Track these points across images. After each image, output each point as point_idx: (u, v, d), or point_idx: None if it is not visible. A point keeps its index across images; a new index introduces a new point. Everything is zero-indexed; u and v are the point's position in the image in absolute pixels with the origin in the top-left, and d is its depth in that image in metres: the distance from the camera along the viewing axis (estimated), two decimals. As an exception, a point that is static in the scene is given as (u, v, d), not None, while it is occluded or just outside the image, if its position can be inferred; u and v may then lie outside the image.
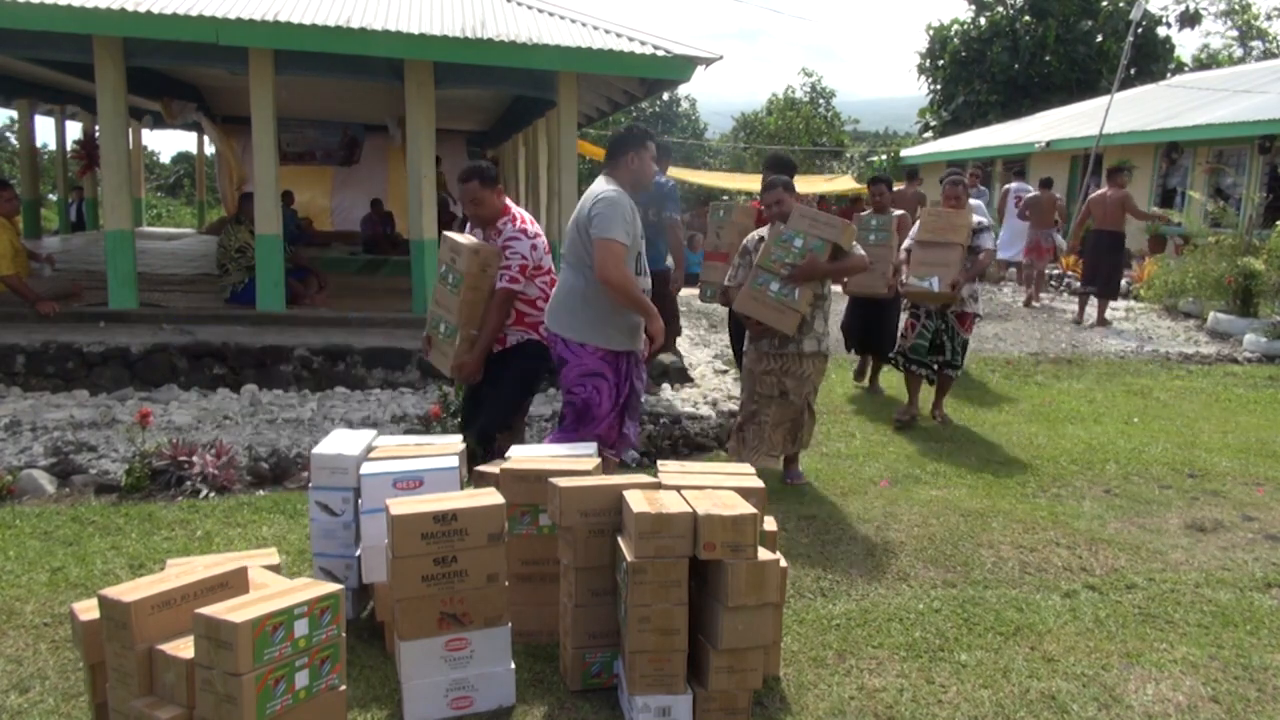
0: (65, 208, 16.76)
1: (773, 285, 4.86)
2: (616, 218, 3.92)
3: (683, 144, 34.83)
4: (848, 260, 4.94)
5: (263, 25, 6.84)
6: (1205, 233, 12.51)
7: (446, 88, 7.87)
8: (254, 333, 7.31)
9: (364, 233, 13.90)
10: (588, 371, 4.12)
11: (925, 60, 30.51)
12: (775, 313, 4.85)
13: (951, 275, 6.02)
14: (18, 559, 3.96)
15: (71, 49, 7.29)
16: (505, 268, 4.44)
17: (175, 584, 2.51)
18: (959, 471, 5.53)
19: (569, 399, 4.18)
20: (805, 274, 4.79)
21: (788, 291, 4.82)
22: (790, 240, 4.88)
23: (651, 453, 5.60)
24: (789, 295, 4.82)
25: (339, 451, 3.47)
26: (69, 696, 2.96)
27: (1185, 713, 3.04)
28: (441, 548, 2.84)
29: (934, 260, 6.10)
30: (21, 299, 7.32)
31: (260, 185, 7.61)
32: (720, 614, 2.79)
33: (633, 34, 7.78)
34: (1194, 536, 4.58)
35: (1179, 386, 8.14)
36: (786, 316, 4.82)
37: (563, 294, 4.19)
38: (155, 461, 4.92)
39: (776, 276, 4.85)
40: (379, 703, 2.98)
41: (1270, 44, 34.57)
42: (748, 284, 4.96)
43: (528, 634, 3.33)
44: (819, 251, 4.82)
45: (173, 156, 40.39)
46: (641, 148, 4.13)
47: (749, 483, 3.20)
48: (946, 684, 3.17)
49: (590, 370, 4.11)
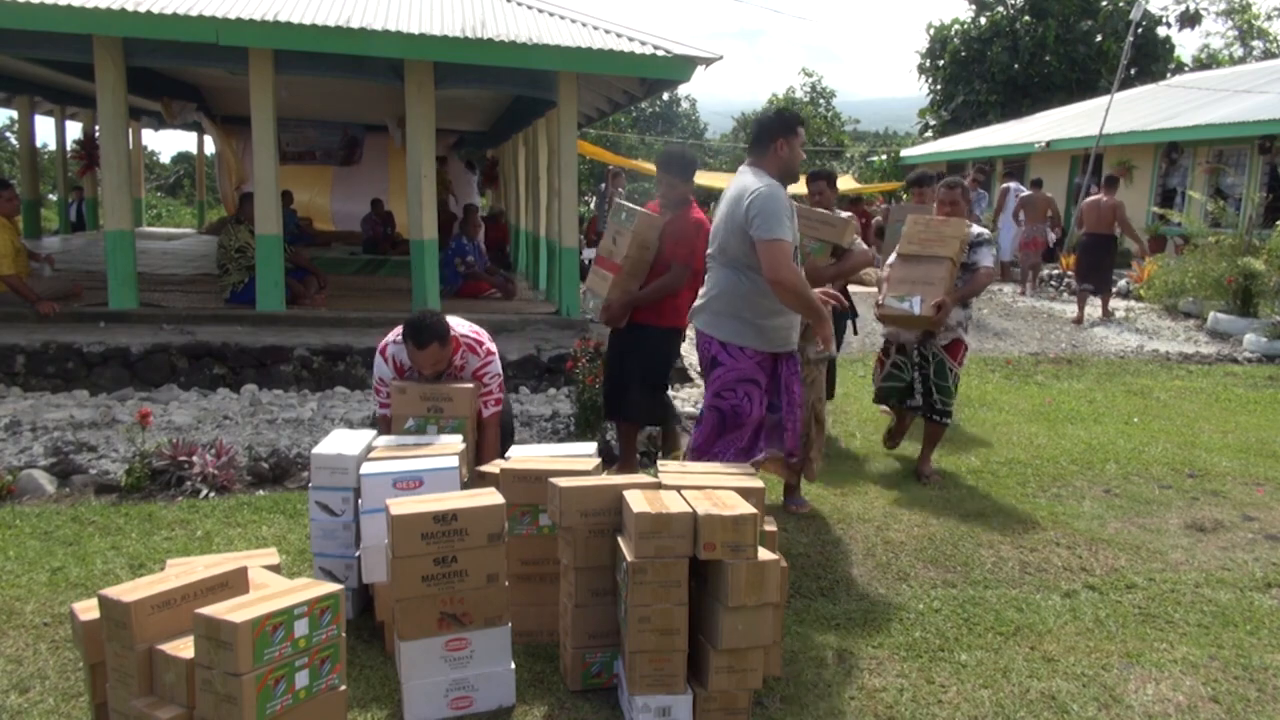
0: (65, 208, 16.76)
1: None
2: (779, 214, 3.67)
3: (683, 144, 34.85)
4: (851, 259, 4.52)
5: (263, 25, 6.84)
6: (1205, 233, 12.52)
7: (446, 88, 7.87)
8: (254, 333, 7.31)
9: (364, 233, 13.90)
10: (743, 377, 3.89)
11: (925, 60, 30.53)
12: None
13: (937, 295, 4.91)
14: (18, 559, 3.96)
15: (71, 49, 7.29)
16: (487, 394, 4.09)
17: (175, 584, 2.51)
18: (959, 471, 5.53)
19: (715, 403, 3.93)
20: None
21: None
22: None
23: (651, 453, 5.59)
24: None
25: (339, 451, 3.48)
26: (69, 696, 2.96)
27: (1185, 713, 3.04)
28: (441, 548, 2.84)
29: (917, 277, 5.04)
30: (22, 299, 7.32)
31: (260, 185, 7.61)
32: (720, 614, 2.79)
33: (633, 34, 7.78)
34: (1194, 536, 4.58)
35: (1179, 386, 8.14)
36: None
37: (718, 295, 3.93)
38: (155, 461, 4.92)
39: None
40: (379, 703, 2.98)
41: (1270, 44, 34.57)
42: None
43: (528, 634, 3.33)
44: (817, 254, 4.37)
45: (173, 156, 40.42)
46: (792, 134, 3.88)
47: (749, 483, 3.20)
48: (946, 684, 3.17)
49: (746, 376, 3.89)
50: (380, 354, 4.12)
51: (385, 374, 4.10)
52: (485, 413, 4.11)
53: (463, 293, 9.46)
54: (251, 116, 7.49)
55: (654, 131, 35.61)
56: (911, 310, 4.93)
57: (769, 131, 3.88)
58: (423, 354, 3.87)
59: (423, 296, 7.72)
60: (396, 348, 4.06)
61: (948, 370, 5.22)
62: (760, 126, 3.94)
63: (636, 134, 34.03)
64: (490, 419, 4.13)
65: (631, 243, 4.72)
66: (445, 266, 8.87)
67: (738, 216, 3.77)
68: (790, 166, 3.91)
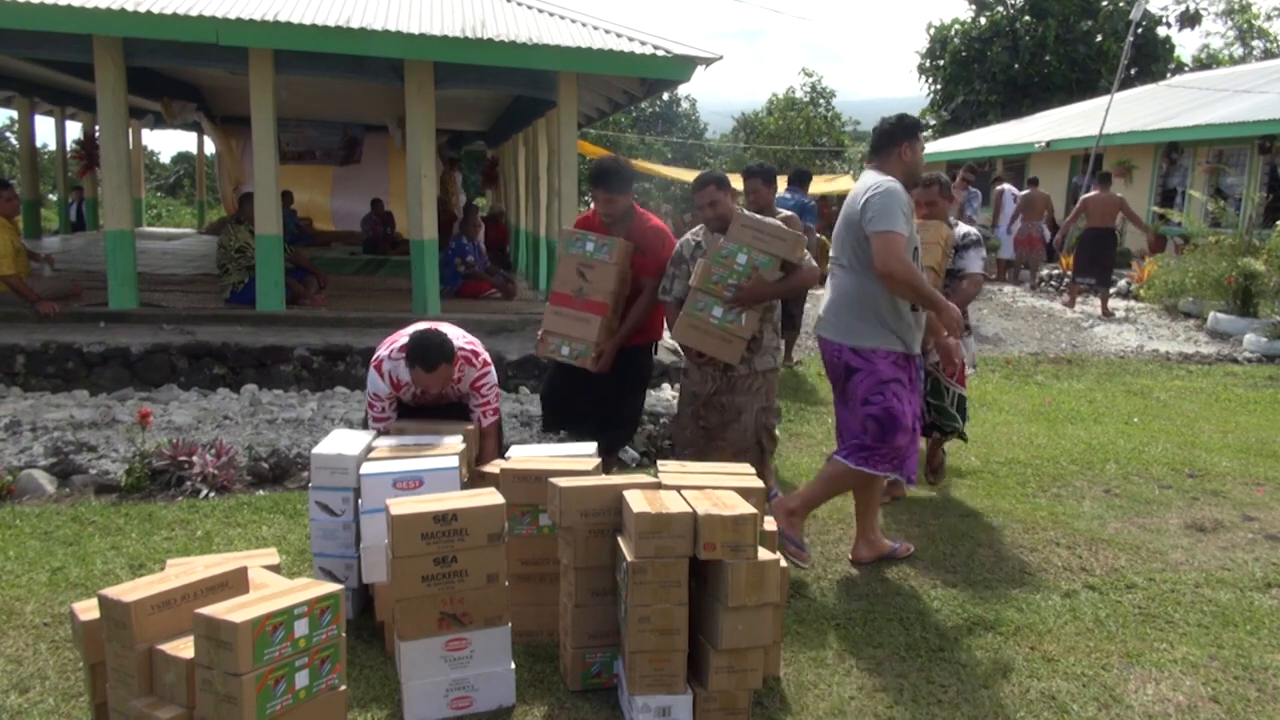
0: (65, 208, 16.76)
1: (715, 310, 4.20)
2: (894, 207, 3.63)
3: (683, 144, 34.84)
4: (799, 275, 4.26)
5: (263, 25, 6.84)
6: (1205, 233, 12.52)
7: (446, 88, 7.88)
8: (254, 333, 7.31)
9: (364, 233, 13.90)
10: (885, 378, 3.80)
11: (925, 60, 30.52)
12: (720, 342, 4.21)
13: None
14: (18, 559, 3.96)
15: (71, 49, 7.29)
16: (485, 404, 4.09)
17: (175, 584, 2.51)
18: (959, 471, 5.53)
19: (868, 411, 3.82)
20: (752, 296, 4.16)
21: (733, 316, 4.18)
22: (732, 256, 4.18)
23: (651, 453, 5.59)
24: (734, 321, 4.18)
25: (339, 451, 3.48)
26: (69, 696, 2.96)
27: (1185, 713, 3.04)
28: (441, 548, 2.84)
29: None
30: (22, 299, 7.32)
31: (260, 185, 7.61)
32: (720, 614, 2.79)
33: (633, 34, 7.78)
34: (1194, 536, 4.58)
35: (1179, 386, 8.14)
36: (732, 345, 4.21)
37: (841, 300, 3.88)
38: (155, 461, 4.92)
39: (719, 300, 4.19)
40: (379, 703, 2.98)
41: (1270, 44, 34.55)
42: (685, 309, 4.28)
43: (528, 634, 3.33)
44: (766, 269, 4.15)
45: (173, 156, 40.42)
46: (914, 138, 3.88)
47: (749, 483, 3.20)
48: (946, 684, 3.17)
49: (887, 376, 3.80)
50: (375, 369, 4.00)
51: (381, 390, 3.97)
52: (485, 422, 4.09)
53: (463, 293, 9.46)
54: (251, 116, 7.49)
55: (654, 131, 35.58)
56: None
57: (893, 136, 3.87)
58: (432, 376, 3.81)
59: (423, 296, 7.72)
60: (393, 364, 3.94)
61: (944, 389, 4.78)
62: (883, 131, 3.91)
63: (636, 134, 34.01)
64: (489, 428, 4.12)
65: (615, 277, 4.43)
66: (445, 266, 8.87)
67: (853, 215, 3.76)
68: (914, 170, 3.93)
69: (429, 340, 3.79)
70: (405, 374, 3.92)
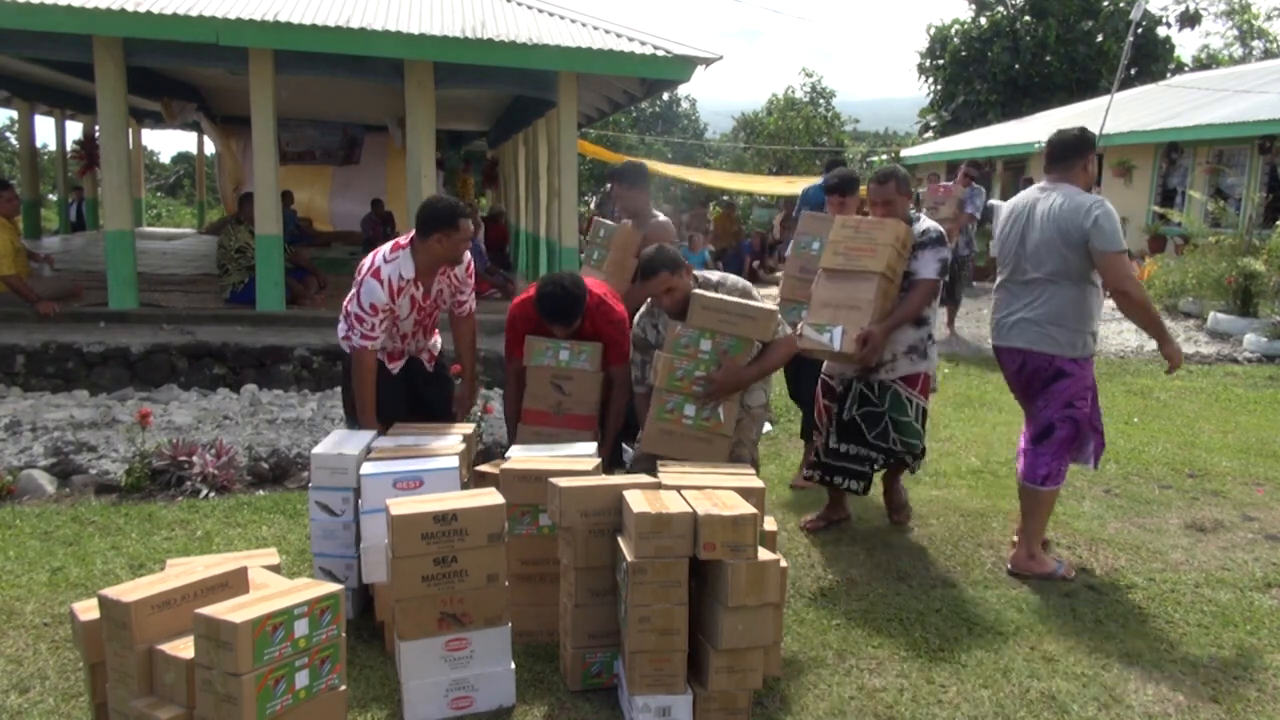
0: (65, 208, 16.77)
1: (687, 409, 3.69)
2: (1119, 228, 3.76)
3: (683, 144, 34.83)
4: (775, 351, 3.78)
5: (263, 25, 6.85)
6: (1205, 233, 12.52)
7: (446, 88, 7.88)
8: (254, 333, 7.32)
9: (364, 233, 13.90)
10: (1087, 385, 3.96)
11: (925, 60, 30.51)
12: (700, 444, 3.70)
13: (862, 323, 3.92)
14: (18, 559, 3.96)
15: (71, 49, 7.29)
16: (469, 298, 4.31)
17: (175, 584, 2.51)
18: (959, 471, 5.53)
19: (1068, 413, 3.93)
20: (725, 387, 3.69)
21: (708, 413, 3.68)
22: (694, 343, 3.67)
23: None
24: (711, 417, 3.68)
25: (339, 451, 3.48)
26: (69, 696, 2.96)
27: (1185, 713, 3.04)
28: (441, 548, 2.84)
29: (840, 300, 3.99)
30: (22, 299, 7.32)
31: (260, 185, 7.62)
32: (720, 614, 2.79)
33: (633, 34, 7.78)
34: (1194, 536, 4.58)
35: (1179, 386, 8.14)
36: (714, 445, 3.70)
37: (1062, 314, 3.87)
38: (155, 461, 4.93)
39: (689, 398, 3.69)
40: (379, 703, 2.98)
41: (1270, 44, 34.55)
42: (652, 414, 3.75)
43: (528, 634, 3.33)
44: (736, 352, 3.66)
45: (173, 156, 40.46)
46: (1093, 150, 3.96)
47: (749, 483, 3.20)
48: (946, 684, 3.17)
49: (1089, 384, 3.97)
50: (374, 278, 3.71)
51: (380, 299, 3.69)
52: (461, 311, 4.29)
53: (463, 293, 9.45)
54: (251, 116, 7.50)
55: (654, 131, 35.58)
56: (831, 345, 3.96)
57: (1075, 149, 3.92)
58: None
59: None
60: (392, 267, 3.68)
61: (904, 402, 4.18)
62: (1065, 144, 3.94)
63: (636, 134, 34.00)
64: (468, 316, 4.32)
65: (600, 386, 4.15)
66: (445, 266, 8.85)
67: (1071, 229, 3.77)
68: (1091, 182, 4.00)
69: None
70: (409, 269, 3.70)
